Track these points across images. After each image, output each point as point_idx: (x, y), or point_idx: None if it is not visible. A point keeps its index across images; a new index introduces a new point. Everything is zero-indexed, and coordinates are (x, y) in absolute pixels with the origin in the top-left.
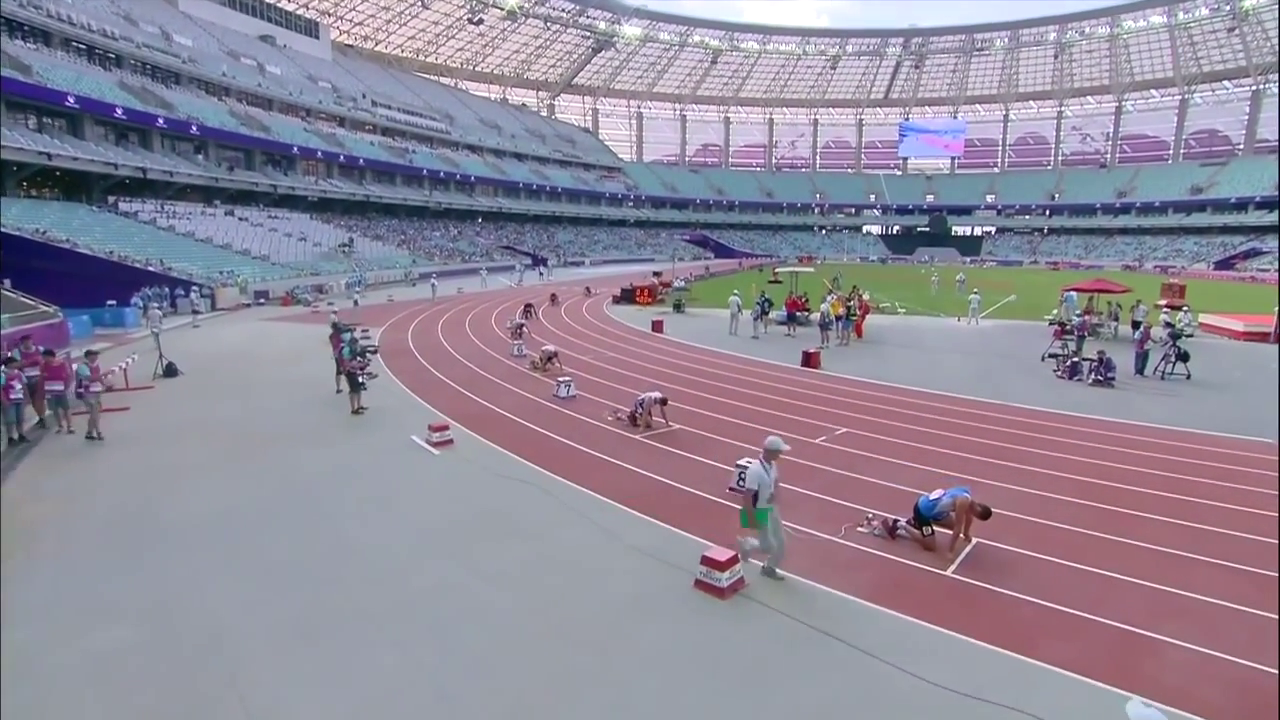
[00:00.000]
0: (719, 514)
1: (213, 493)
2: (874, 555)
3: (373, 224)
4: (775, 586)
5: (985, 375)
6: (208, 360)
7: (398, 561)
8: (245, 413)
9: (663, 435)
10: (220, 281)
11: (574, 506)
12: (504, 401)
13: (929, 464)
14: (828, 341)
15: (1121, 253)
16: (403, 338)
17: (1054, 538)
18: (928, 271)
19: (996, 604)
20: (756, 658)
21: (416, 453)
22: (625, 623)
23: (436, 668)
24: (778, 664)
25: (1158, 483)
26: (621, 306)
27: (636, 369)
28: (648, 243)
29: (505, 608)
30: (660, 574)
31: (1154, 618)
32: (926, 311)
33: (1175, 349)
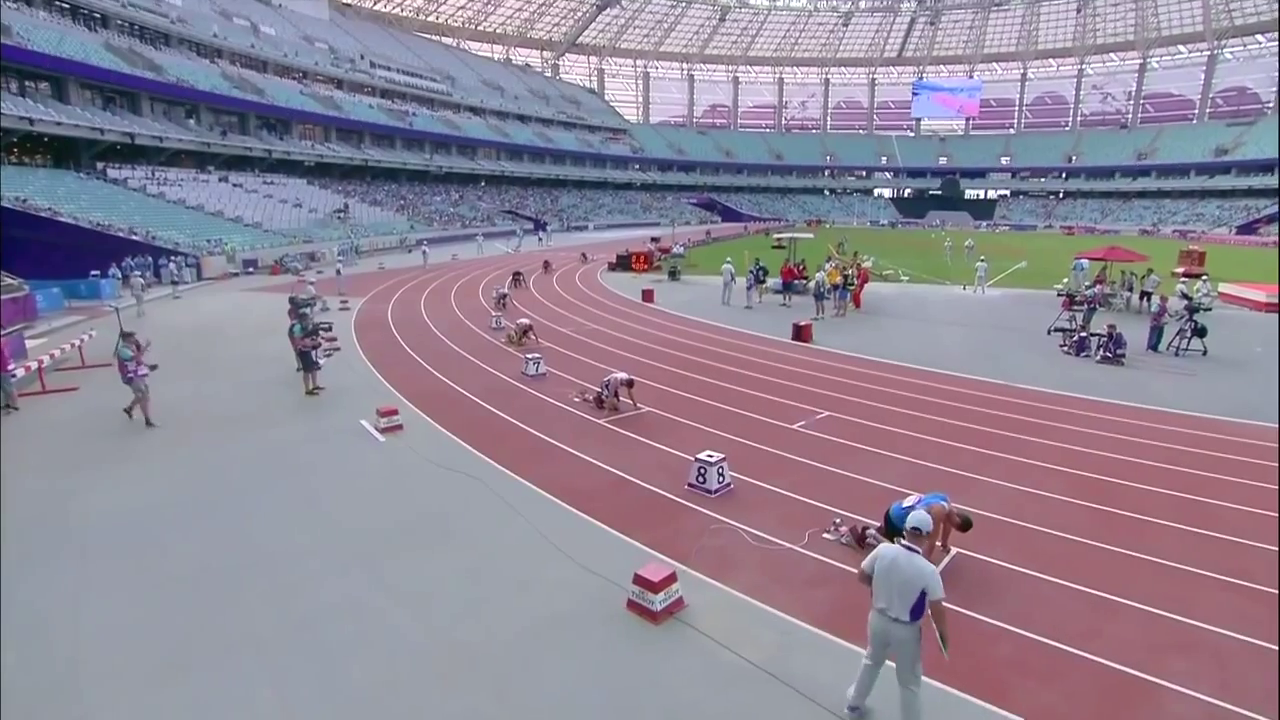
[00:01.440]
0: (671, 515)
1: (132, 486)
2: (838, 569)
3: (371, 189)
4: (718, 608)
5: (986, 350)
6: (176, 334)
7: (306, 573)
8: (196, 393)
9: (629, 419)
10: (207, 250)
11: (515, 505)
12: (469, 380)
13: (914, 455)
14: (822, 312)
15: (1139, 217)
16: (382, 309)
17: (1045, 548)
18: (939, 237)
19: (969, 636)
20: (681, 702)
21: (361, 440)
22: (538, 652)
23: (310, 708)
24: (705, 710)
25: (1166, 479)
26: (616, 274)
27: (618, 343)
28: (653, 206)
29: (408, 633)
30: (593, 589)
31: (1155, 653)
32: (931, 279)
33: (1191, 323)
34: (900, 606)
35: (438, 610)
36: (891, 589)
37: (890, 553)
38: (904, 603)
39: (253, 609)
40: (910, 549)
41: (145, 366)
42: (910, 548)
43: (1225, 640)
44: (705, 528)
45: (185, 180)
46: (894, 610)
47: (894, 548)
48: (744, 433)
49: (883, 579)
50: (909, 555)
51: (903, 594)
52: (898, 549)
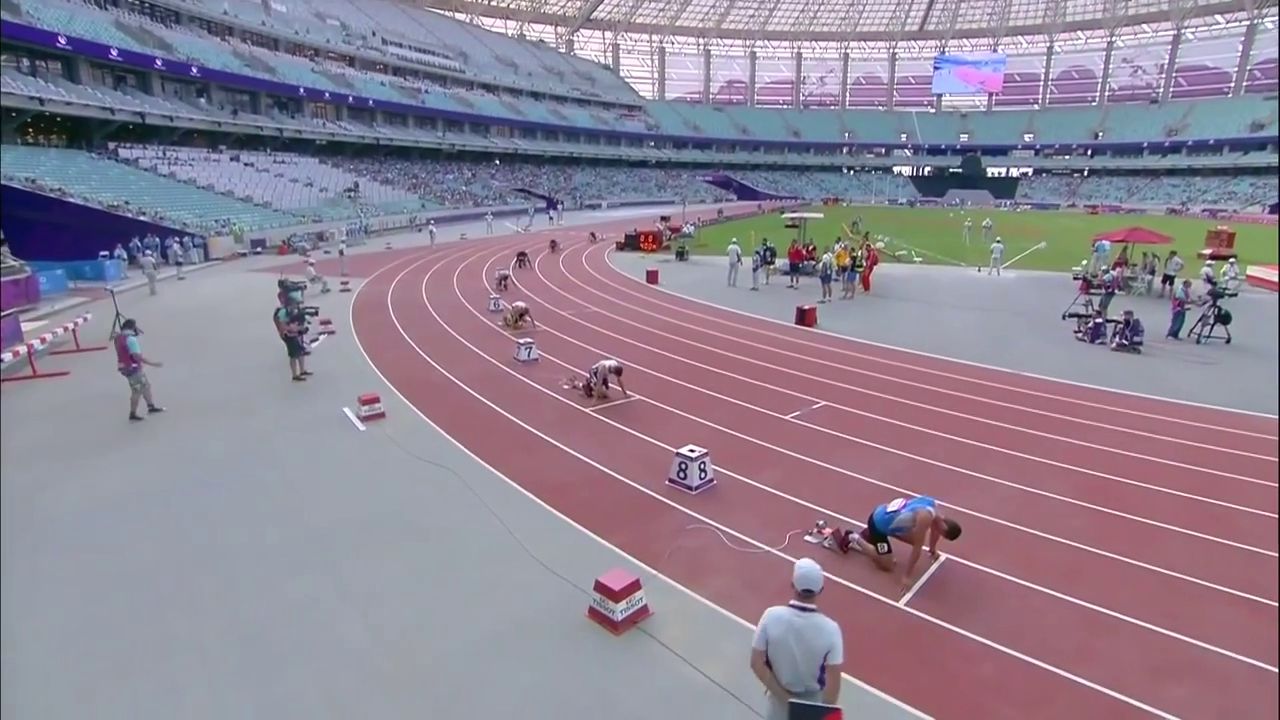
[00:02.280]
0: (649, 513)
1: (103, 477)
2: None
3: (384, 167)
4: (684, 618)
5: (996, 336)
6: (174, 317)
7: (265, 571)
8: (183, 378)
9: (617, 408)
10: (215, 231)
11: (487, 501)
12: (460, 366)
13: (911, 449)
14: (829, 295)
15: (1168, 195)
16: (383, 290)
17: (1042, 555)
18: (958, 216)
19: (952, 653)
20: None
21: (341, 429)
22: (488, 664)
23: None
24: None
25: (1179, 479)
26: (624, 254)
27: (616, 326)
28: (668, 184)
29: (355, 640)
30: (556, 595)
31: (1151, 678)
32: (946, 260)
33: (1215, 309)
34: (808, 676)
35: (391, 616)
36: (795, 661)
37: (782, 618)
38: (811, 671)
39: (203, 611)
40: (804, 609)
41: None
42: (803, 608)
43: (1230, 664)
44: (682, 528)
45: (197, 160)
46: (803, 683)
47: (783, 612)
48: (735, 423)
49: (780, 650)
50: (806, 616)
51: (808, 662)
52: (788, 613)
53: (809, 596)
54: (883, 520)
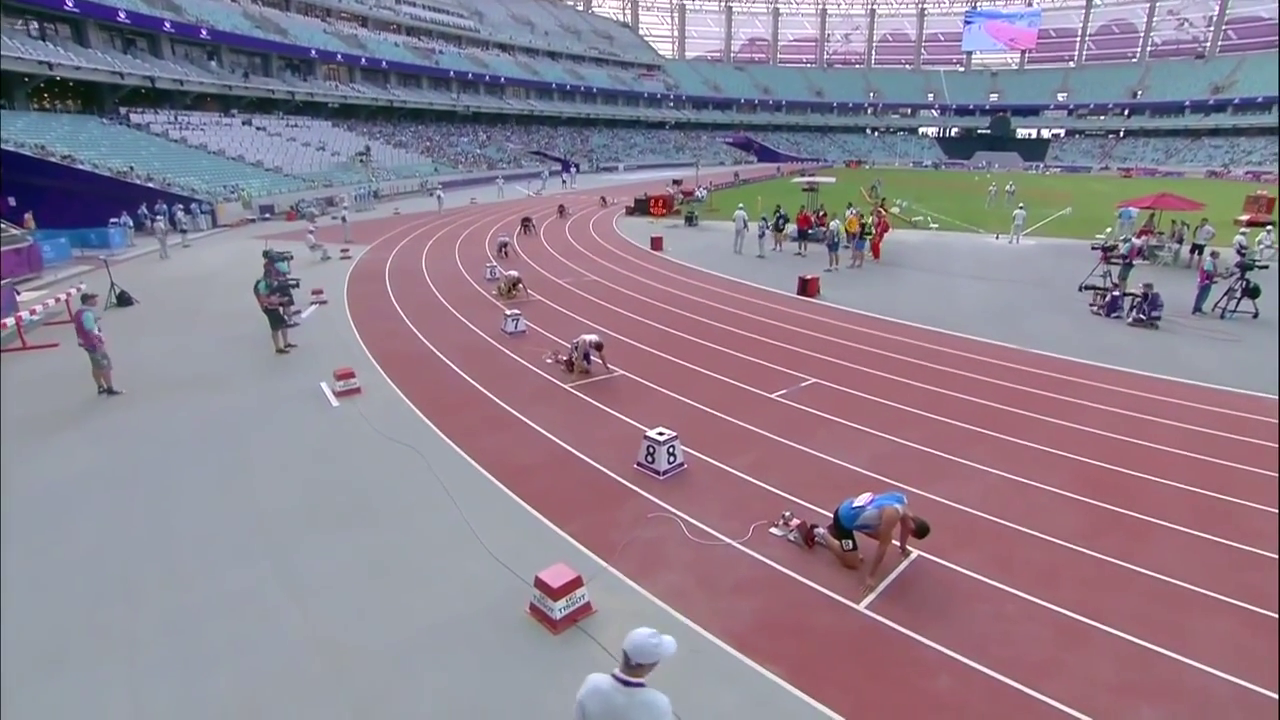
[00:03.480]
0: (611, 500)
1: (66, 455)
2: (777, 573)
3: (397, 130)
4: (628, 617)
5: (1006, 309)
6: (172, 286)
7: (209, 559)
8: (168, 350)
9: (597, 384)
10: (223, 196)
11: (449, 484)
12: (445, 338)
13: (898, 432)
14: (836, 264)
15: (1209, 157)
16: (383, 258)
17: (1023, 554)
18: (983, 180)
19: (909, 664)
20: None
21: (315, 405)
22: (420, 662)
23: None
24: None
25: (1184, 469)
26: (634, 219)
27: (612, 296)
28: (687, 146)
29: (290, 634)
30: (500, 589)
31: (1122, 697)
32: (964, 226)
33: (1243, 281)
34: None
35: (330, 608)
36: None
37: (602, 690)
38: None
39: (142, 600)
40: (628, 682)
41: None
42: (628, 681)
43: (1211, 683)
44: (643, 517)
45: (208, 124)
46: None
47: (604, 684)
48: (717, 401)
49: None
50: (630, 693)
51: None
52: (610, 683)
53: (638, 669)
54: (848, 516)
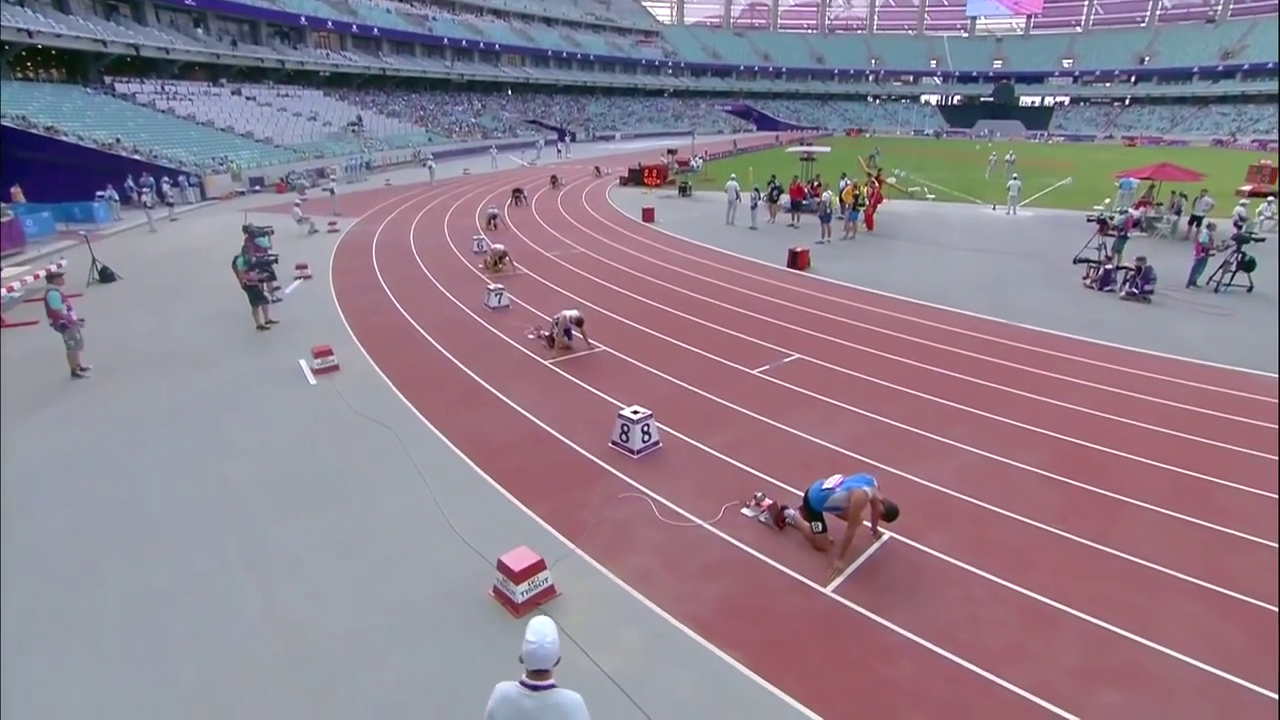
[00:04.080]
0: (584, 479)
1: (39, 437)
2: (746, 555)
3: (390, 99)
4: (592, 600)
5: (998, 282)
6: (156, 261)
7: (176, 541)
8: (148, 327)
9: (578, 360)
10: (211, 169)
11: (420, 464)
12: (428, 313)
13: (878, 409)
14: (828, 236)
15: (1216, 125)
16: (371, 231)
17: (996, 536)
18: (984, 149)
19: (871, 649)
20: None
21: (292, 383)
22: (379, 646)
23: (112, 708)
24: None
25: (1165, 448)
26: (627, 189)
27: (600, 269)
28: (686, 114)
29: (251, 617)
30: (465, 571)
31: (1084, 683)
32: (961, 197)
33: (1238, 254)
34: None
35: (294, 590)
36: None
37: (510, 698)
38: None
39: (105, 583)
40: (535, 686)
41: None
42: (535, 686)
43: (1175, 668)
44: (614, 497)
45: (196, 94)
46: None
47: (511, 691)
48: (698, 378)
49: None
50: (539, 696)
51: None
52: (518, 690)
53: (542, 675)
54: (818, 498)
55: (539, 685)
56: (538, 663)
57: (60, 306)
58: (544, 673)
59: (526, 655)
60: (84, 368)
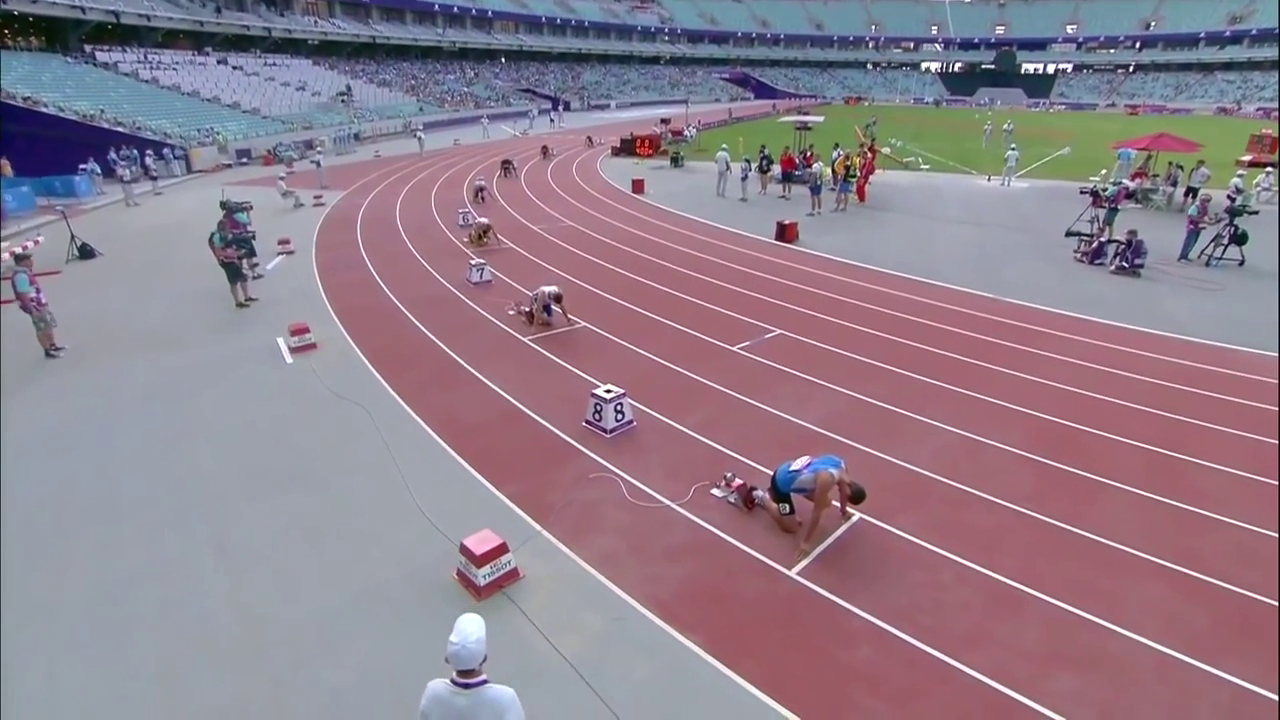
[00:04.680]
0: (555, 459)
1: (11, 419)
2: (712, 536)
3: (381, 68)
4: (555, 583)
5: (987, 256)
6: (138, 237)
7: (144, 524)
8: (127, 305)
9: (557, 337)
10: (197, 141)
11: (392, 444)
12: (409, 289)
13: (856, 387)
14: (818, 208)
15: (1220, 92)
16: (358, 204)
17: (967, 518)
18: (982, 117)
19: (833, 633)
20: None
21: (268, 362)
22: (341, 631)
23: (70, 695)
24: None
25: (1144, 426)
26: (619, 160)
27: (586, 243)
28: (682, 82)
29: (215, 603)
30: (431, 554)
31: (1043, 667)
32: (956, 168)
33: (1231, 228)
34: None
35: (259, 574)
36: None
37: (441, 697)
38: None
39: (70, 568)
40: (467, 685)
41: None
42: (466, 684)
43: (1136, 651)
44: (584, 477)
45: (181, 64)
46: None
47: (442, 690)
48: (677, 355)
49: None
50: (471, 694)
51: None
52: (449, 688)
53: (470, 673)
54: (785, 480)
55: (469, 683)
56: (462, 664)
57: (28, 289)
58: (472, 671)
59: (450, 656)
60: (58, 347)
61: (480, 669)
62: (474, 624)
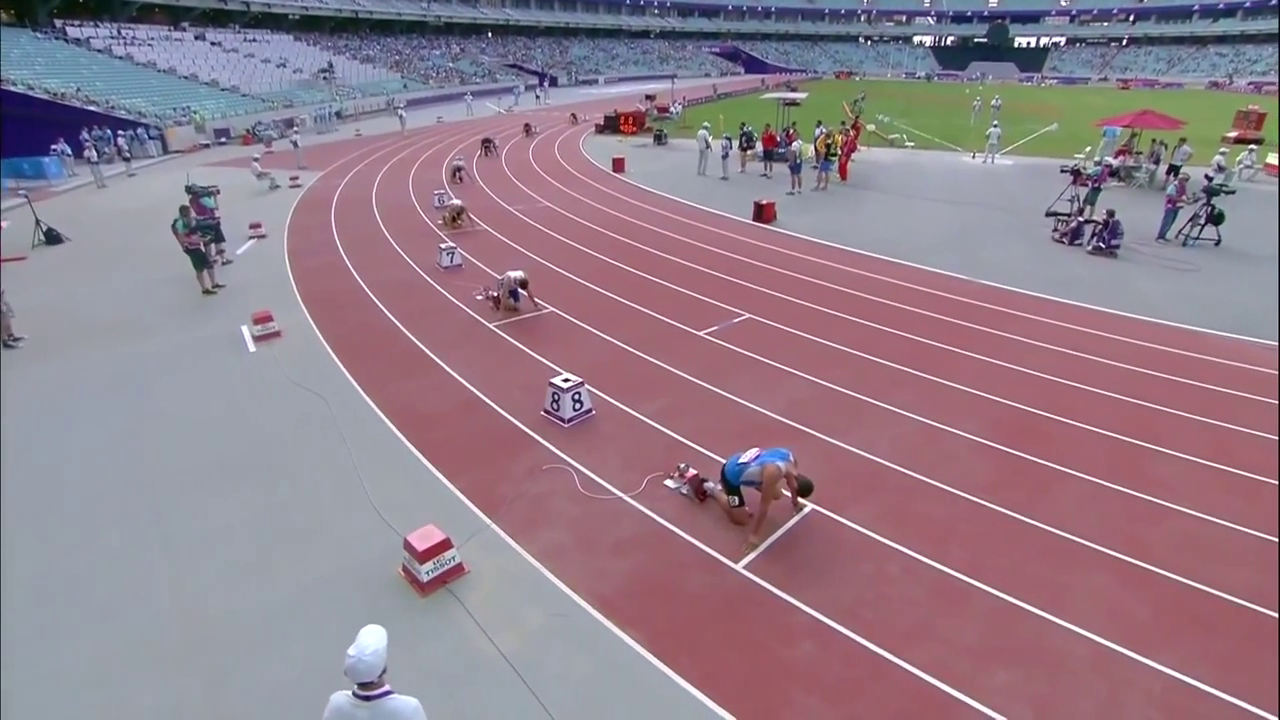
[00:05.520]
0: (510, 450)
1: None
2: (661, 529)
3: (364, 44)
4: (500, 578)
5: (965, 236)
6: (108, 221)
7: (93, 521)
8: (91, 292)
9: (523, 323)
10: (174, 120)
11: (349, 434)
12: (379, 273)
13: (820, 373)
14: (798, 187)
15: (1213, 66)
16: (334, 186)
17: (921, 508)
18: (973, 92)
19: (774, 629)
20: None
21: (231, 351)
22: (282, 627)
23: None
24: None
25: (1107, 414)
26: (603, 138)
27: (561, 224)
28: (672, 57)
29: (157, 601)
30: (378, 547)
31: (980, 661)
32: (942, 145)
33: (1208, 207)
34: None
35: (203, 571)
36: None
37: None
38: None
39: (15, 567)
40: (365, 697)
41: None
42: (365, 696)
43: (1074, 644)
44: (537, 469)
45: (156, 39)
46: None
47: (343, 703)
48: (644, 341)
49: None
50: (371, 706)
51: None
52: (350, 700)
53: (370, 685)
54: (733, 472)
55: (370, 695)
56: (359, 676)
57: None
58: (372, 683)
59: (347, 669)
60: (16, 337)
61: (381, 680)
62: (373, 636)
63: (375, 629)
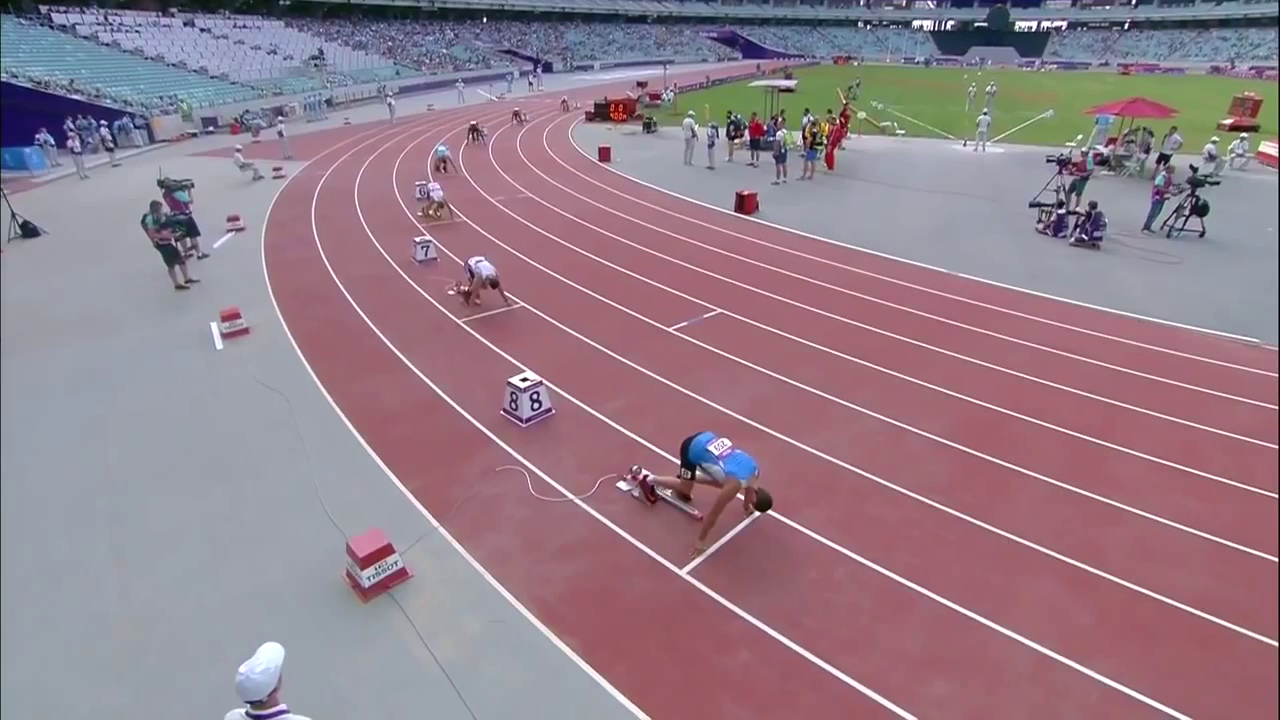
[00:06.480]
0: (466, 450)
1: None
2: (608, 533)
3: (357, 29)
4: (442, 583)
5: (948, 228)
6: (87, 213)
7: (45, 525)
8: (64, 288)
9: (492, 320)
10: (160, 109)
11: (308, 434)
12: (353, 268)
13: (787, 370)
14: (783, 176)
15: (1215, 50)
16: (318, 176)
17: (873, 511)
18: (970, 77)
19: (712, 638)
20: (336, 714)
21: (199, 349)
22: (223, 634)
23: None
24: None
25: (1074, 412)
26: (593, 125)
27: (541, 216)
28: (669, 42)
29: (103, 608)
30: (324, 552)
31: (918, 671)
32: (934, 132)
33: (1193, 198)
34: None
35: (153, 576)
36: None
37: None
38: None
39: None
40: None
41: None
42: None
43: (1013, 653)
44: (490, 470)
45: (144, 25)
46: None
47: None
48: (611, 337)
49: None
50: None
51: None
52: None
53: (261, 705)
54: (698, 455)
55: (263, 715)
56: (247, 694)
57: None
58: (261, 702)
59: (237, 687)
60: None
61: (274, 699)
62: (268, 654)
63: (273, 646)
